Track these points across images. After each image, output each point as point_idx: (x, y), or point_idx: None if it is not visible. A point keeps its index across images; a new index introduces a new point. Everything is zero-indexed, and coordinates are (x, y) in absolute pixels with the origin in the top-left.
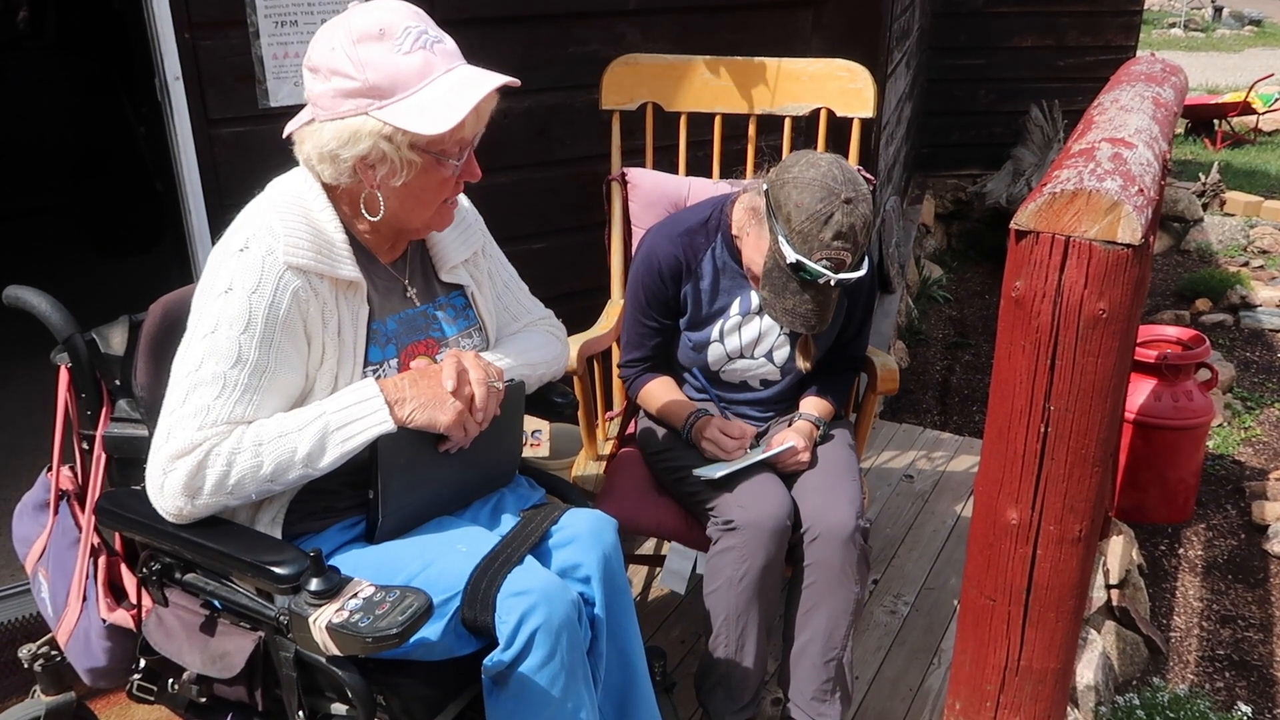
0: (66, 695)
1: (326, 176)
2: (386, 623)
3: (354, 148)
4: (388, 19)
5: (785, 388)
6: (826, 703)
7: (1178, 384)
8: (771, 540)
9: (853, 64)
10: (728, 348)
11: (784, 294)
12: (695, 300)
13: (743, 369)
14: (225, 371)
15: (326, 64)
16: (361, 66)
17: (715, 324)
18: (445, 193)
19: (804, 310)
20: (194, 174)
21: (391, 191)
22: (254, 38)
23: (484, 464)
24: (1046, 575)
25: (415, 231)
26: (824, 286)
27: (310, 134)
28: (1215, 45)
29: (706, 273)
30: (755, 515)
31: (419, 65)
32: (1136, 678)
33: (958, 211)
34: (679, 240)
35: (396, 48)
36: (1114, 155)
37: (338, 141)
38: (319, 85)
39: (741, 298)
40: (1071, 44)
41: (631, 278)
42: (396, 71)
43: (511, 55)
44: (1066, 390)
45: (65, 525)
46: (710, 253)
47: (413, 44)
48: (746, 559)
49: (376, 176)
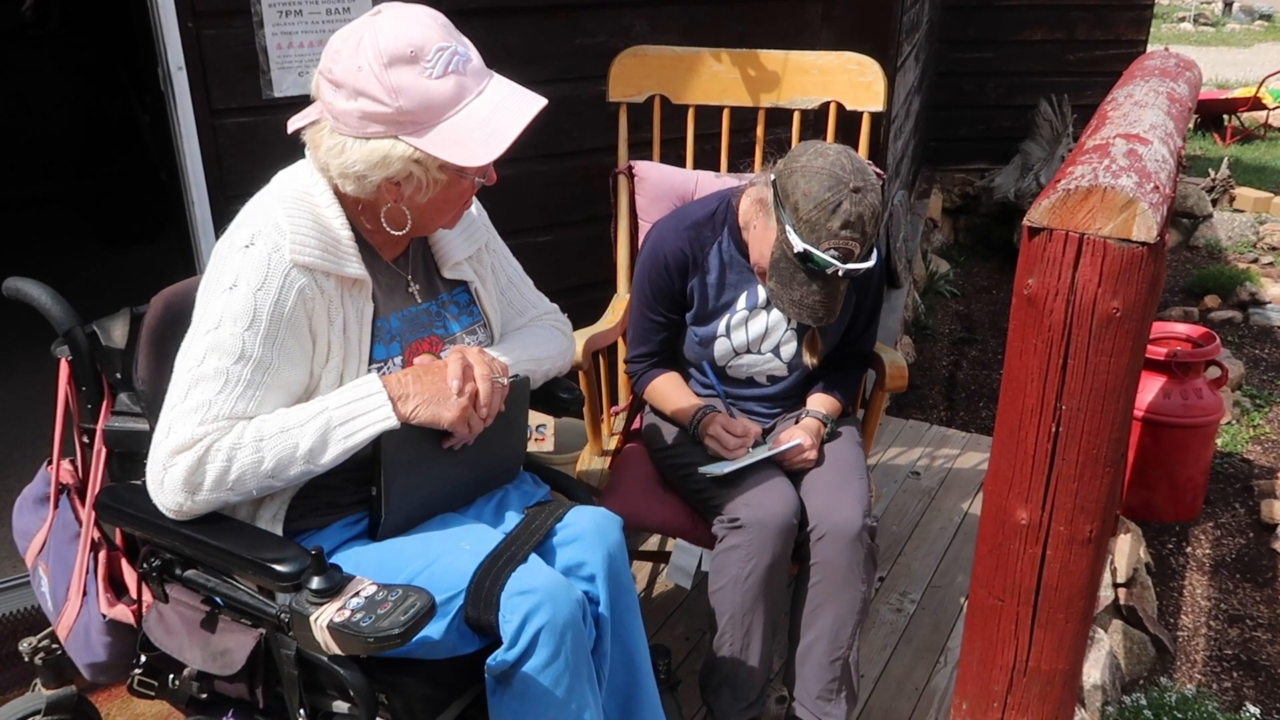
0: (67, 689)
1: (349, 190)
2: (389, 622)
3: (384, 171)
4: (419, 38)
5: (792, 384)
6: (832, 702)
7: (1187, 381)
8: (777, 539)
9: (863, 57)
10: (734, 343)
11: (791, 285)
12: (702, 294)
13: (749, 365)
14: (228, 367)
15: (353, 83)
16: (394, 94)
17: (722, 318)
18: (465, 199)
19: (811, 302)
20: (197, 165)
21: (415, 206)
22: (258, 27)
23: (488, 460)
24: (1056, 576)
25: (428, 232)
26: (832, 277)
27: (329, 147)
28: (1225, 40)
29: (713, 266)
30: (761, 514)
31: (452, 91)
32: (1144, 677)
33: (965, 206)
34: (685, 234)
35: (428, 71)
36: (1129, 151)
37: (366, 165)
38: (343, 103)
39: (748, 292)
40: (1081, 38)
41: (637, 272)
42: (429, 99)
43: (518, 46)
44: (1079, 390)
45: (65, 519)
46: (717, 246)
47: (444, 68)
48: (752, 557)
49: (403, 194)
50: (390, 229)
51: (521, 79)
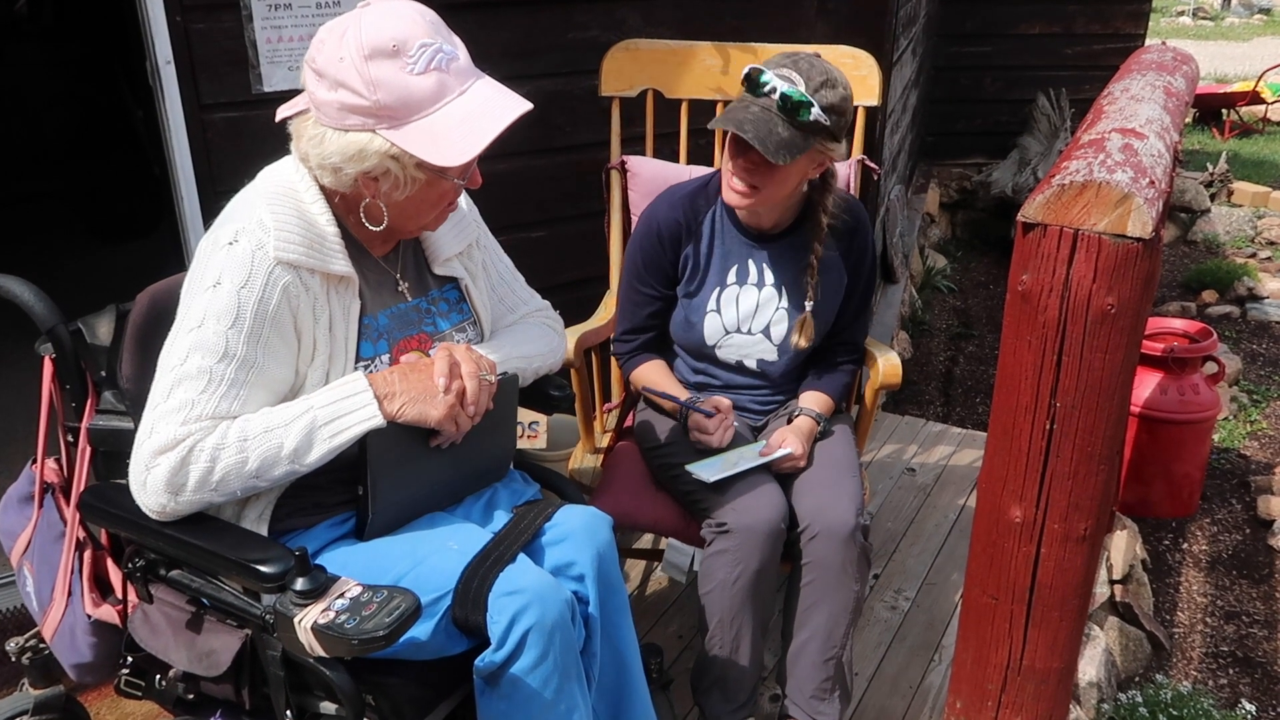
0: (55, 689)
1: (326, 182)
2: (373, 624)
3: (359, 164)
4: (402, 33)
5: (783, 371)
6: (825, 701)
7: (1184, 377)
8: (765, 544)
9: (857, 50)
10: (724, 319)
11: (732, 109)
12: (694, 262)
13: (739, 346)
14: (211, 366)
15: (334, 74)
16: (372, 86)
17: (712, 292)
18: (446, 201)
19: (743, 116)
20: (186, 160)
21: (393, 203)
22: (247, 21)
23: (477, 459)
24: (1050, 574)
25: (410, 233)
26: (767, 103)
27: (310, 137)
28: (1224, 34)
29: (705, 234)
30: (748, 519)
31: (432, 88)
32: (1139, 674)
33: (963, 201)
34: (680, 204)
35: (409, 67)
36: (1125, 146)
37: (342, 156)
38: (324, 92)
39: (739, 266)
40: (1079, 32)
41: (629, 246)
42: (409, 94)
43: (511, 40)
44: (1073, 387)
45: (50, 519)
46: (710, 214)
47: (426, 64)
48: (740, 562)
49: (379, 190)
50: (368, 224)
51: (514, 73)
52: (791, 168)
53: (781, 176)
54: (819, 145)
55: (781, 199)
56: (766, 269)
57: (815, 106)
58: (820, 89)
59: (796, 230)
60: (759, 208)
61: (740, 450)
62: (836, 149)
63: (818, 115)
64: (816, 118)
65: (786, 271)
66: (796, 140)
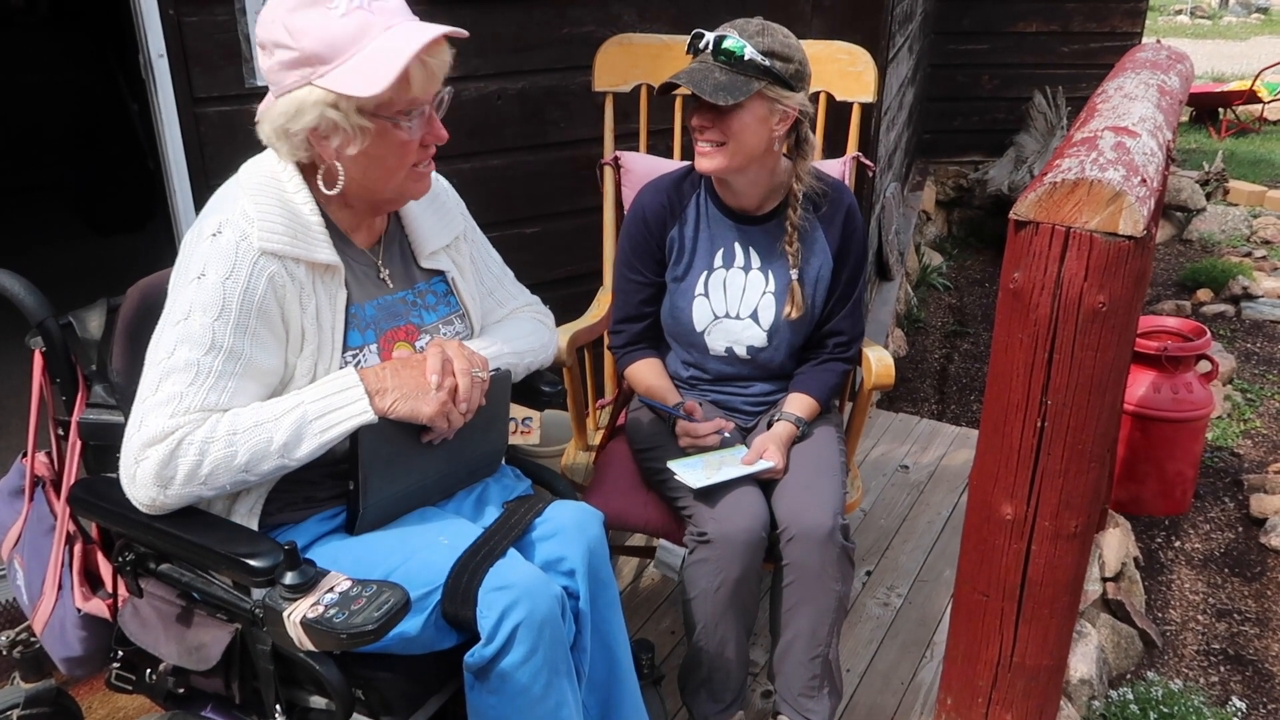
0: (47, 682)
1: (284, 154)
2: (362, 619)
3: (300, 120)
4: None
5: (773, 359)
6: (814, 698)
7: (1178, 376)
8: (745, 553)
9: (853, 47)
10: (713, 303)
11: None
12: (680, 245)
13: (727, 331)
14: (198, 358)
15: (269, 37)
16: (297, 35)
17: (700, 276)
18: (409, 157)
19: (689, 69)
20: (179, 153)
21: (350, 161)
22: (240, 14)
23: (468, 455)
24: (1041, 571)
25: (389, 202)
26: (705, 57)
27: (263, 109)
28: (1222, 33)
29: (690, 217)
30: (728, 528)
31: (356, 27)
32: (1131, 671)
33: (959, 198)
34: (665, 188)
35: (333, 11)
36: (1117, 144)
37: (285, 116)
38: (266, 61)
39: (725, 249)
40: (1076, 30)
41: (620, 235)
42: (333, 37)
43: (505, 35)
44: (1064, 384)
45: (41, 512)
46: (695, 199)
47: (349, 6)
48: (721, 571)
49: (331, 147)
50: (325, 188)
51: (508, 68)
52: (745, 115)
53: (738, 127)
54: (768, 90)
55: (751, 159)
56: (753, 251)
57: (749, 47)
58: (756, 35)
59: (782, 211)
60: (732, 171)
61: (723, 453)
62: (791, 98)
63: (753, 56)
64: (752, 57)
65: (773, 253)
66: (737, 83)
